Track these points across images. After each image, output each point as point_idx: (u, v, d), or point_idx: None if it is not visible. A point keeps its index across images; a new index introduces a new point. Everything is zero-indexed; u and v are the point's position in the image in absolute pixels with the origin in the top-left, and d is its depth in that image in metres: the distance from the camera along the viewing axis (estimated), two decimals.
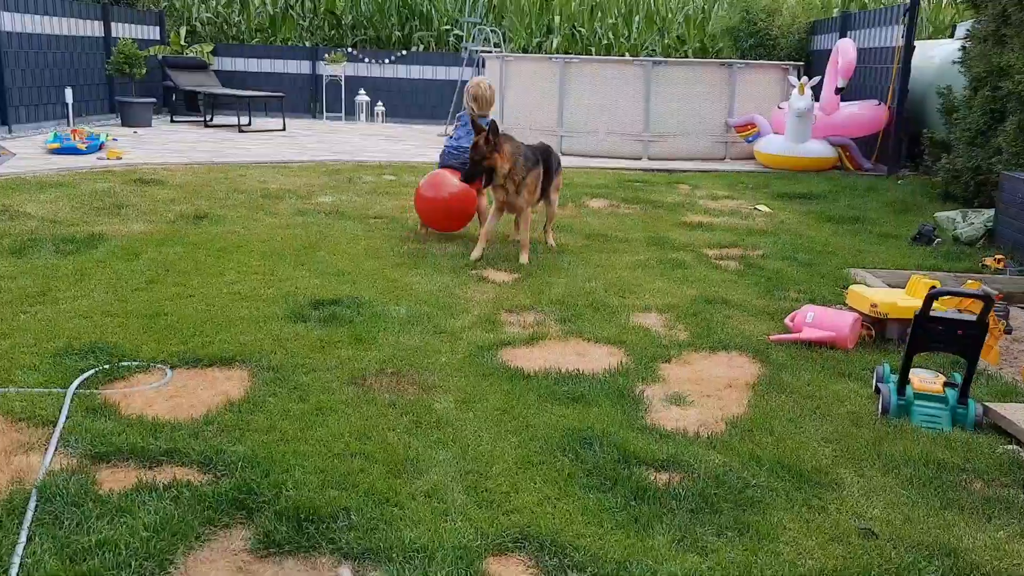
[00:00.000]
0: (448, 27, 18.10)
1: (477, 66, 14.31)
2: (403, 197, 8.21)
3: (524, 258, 5.86)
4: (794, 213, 8.26)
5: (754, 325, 4.73)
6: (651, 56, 17.64)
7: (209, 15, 18.11)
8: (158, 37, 16.07)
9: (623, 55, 17.62)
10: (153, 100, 13.79)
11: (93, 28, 14.07)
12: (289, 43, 17.74)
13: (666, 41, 18.00)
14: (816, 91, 10.81)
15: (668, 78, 11.58)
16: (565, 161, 11.57)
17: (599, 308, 4.88)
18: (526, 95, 12.28)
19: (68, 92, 12.90)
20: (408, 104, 16.73)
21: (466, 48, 14.38)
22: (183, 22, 17.80)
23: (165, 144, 11.48)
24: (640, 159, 11.75)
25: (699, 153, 11.86)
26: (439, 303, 4.84)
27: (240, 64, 16.76)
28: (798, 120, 10.73)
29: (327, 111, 16.58)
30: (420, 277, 5.38)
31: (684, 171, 10.89)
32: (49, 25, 12.86)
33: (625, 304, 5.00)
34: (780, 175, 10.63)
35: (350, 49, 16.75)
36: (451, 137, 7.08)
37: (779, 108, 11.78)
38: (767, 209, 8.42)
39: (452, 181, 6.34)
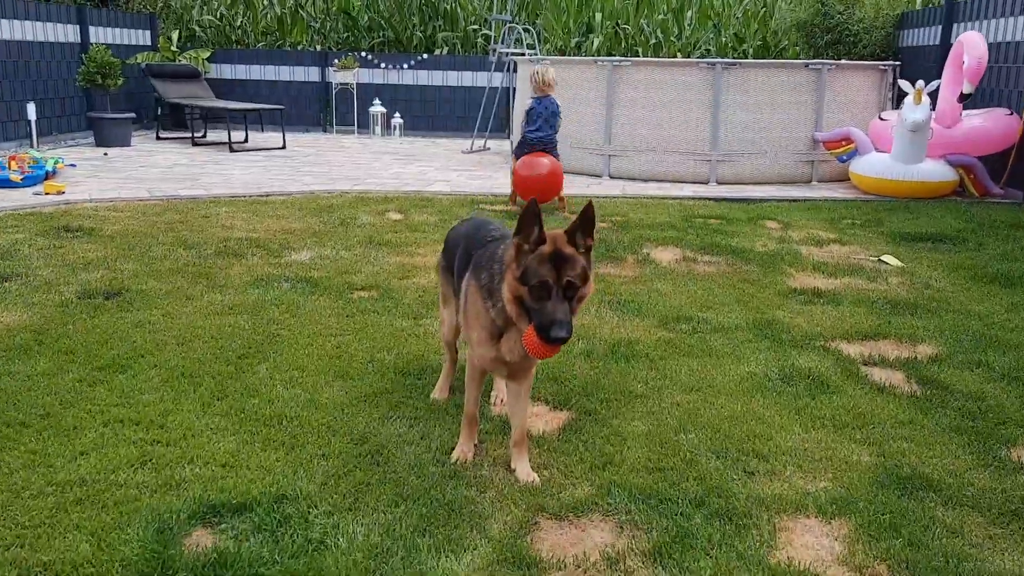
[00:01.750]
0: (476, 27, 16.03)
1: (508, 71, 12.23)
2: (408, 250, 6.15)
3: (523, 472, 3.02)
4: (935, 268, 6.06)
5: (993, 539, 2.59)
6: (706, 56, 15.45)
7: (210, 17, 16.24)
8: (149, 42, 14.21)
9: (674, 56, 15.45)
10: (131, 115, 11.89)
11: (66, 33, 12.22)
12: (299, 47, 15.81)
13: (722, 39, 15.78)
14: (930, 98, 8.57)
15: (741, 84, 9.41)
16: (614, 188, 9.62)
17: (713, 510, 2.76)
18: (566, 107, 10.15)
19: (30, 108, 11.03)
20: (430, 115, 14.70)
21: (495, 51, 12.30)
22: (181, 25, 15.96)
23: (132, 170, 9.55)
24: (707, 183, 9.58)
25: (780, 175, 9.66)
26: (431, 501, 2.75)
27: (241, 72, 14.86)
28: (912, 135, 8.49)
29: (337, 124, 14.61)
30: (405, 427, 3.31)
31: (765, 200, 8.70)
32: (8, 30, 11.01)
33: (756, 492, 2.88)
34: (888, 205, 8.41)
35: (363, 53, 14.75)
36: (530, 130, 8.13)
37: (880, 119, 9.53)
38: (896, 263, 6.23)
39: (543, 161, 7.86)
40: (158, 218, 6.95)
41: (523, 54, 11.75)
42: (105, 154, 10.77)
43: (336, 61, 14.15)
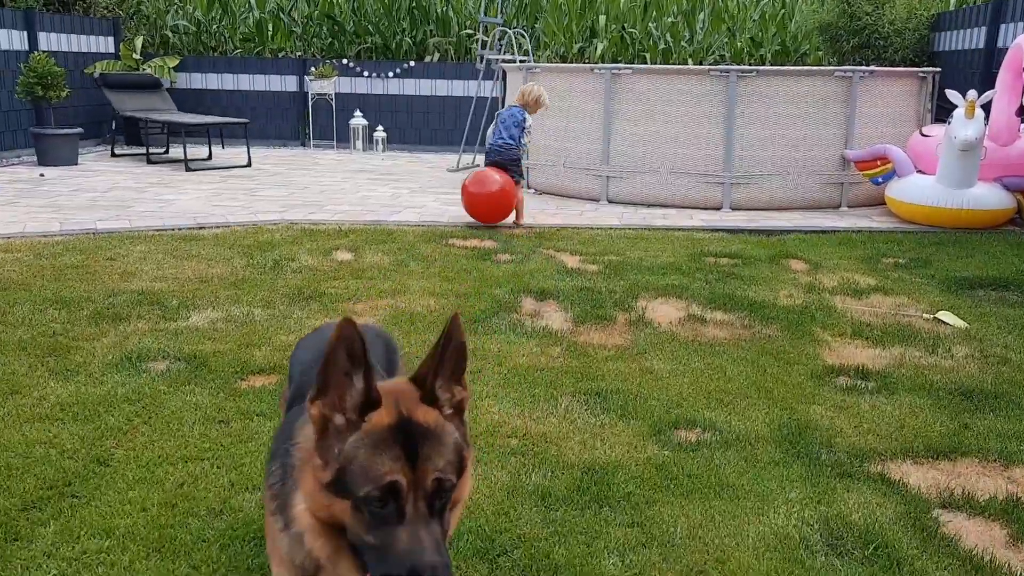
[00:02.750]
0: (470, 32, 14.81)
1: (497, 80, 10.98)
2: (343, 307, 4.89)
3: None
4: (1008, 329, 4.75)
5: None
6: (720, 63, 14.16)
7: (184, 23, 15.09)
8: (113, 50, 13.07)
9: (684, 62, 14.17)
10: (78, 131, 10.72)
11: (10, 40, 11.08)
12: (281, 54, 14.61)
13: (738, 43, 14.49)
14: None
15: (760, 95, 8.11)
16: (612, 216, 8.37)
17: None
18: (558, 119, 8.92)
19: None
20: (417, 128, 13.48)
21: (482, 57, 11.06)
22: (155, 31, 14.82)
23: (60, 196, 8.36)
24: (720, 209, 8.29)
25: (804, 200, 8.35)
26: None
27: (213, 81, 13.68)
28: (962, 155, 7.18)
29: (315, 138, 13.41)
30: None
31: (787, 231, 7.40)
32: None
33: None
34: (934, 237, 7.10)
35: (345, 61, 13.54)
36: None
37: (922, 135, 8.22)
38: (958, 322, 4.92)
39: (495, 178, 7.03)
40: (52, 261, 5.73)
41: (514, 61, 10.51)
42: (41, 175, 9.60)
43: (312, 69, 12.95)
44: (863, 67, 8.24)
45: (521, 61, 10.48)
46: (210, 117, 11.36)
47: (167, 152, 11.87)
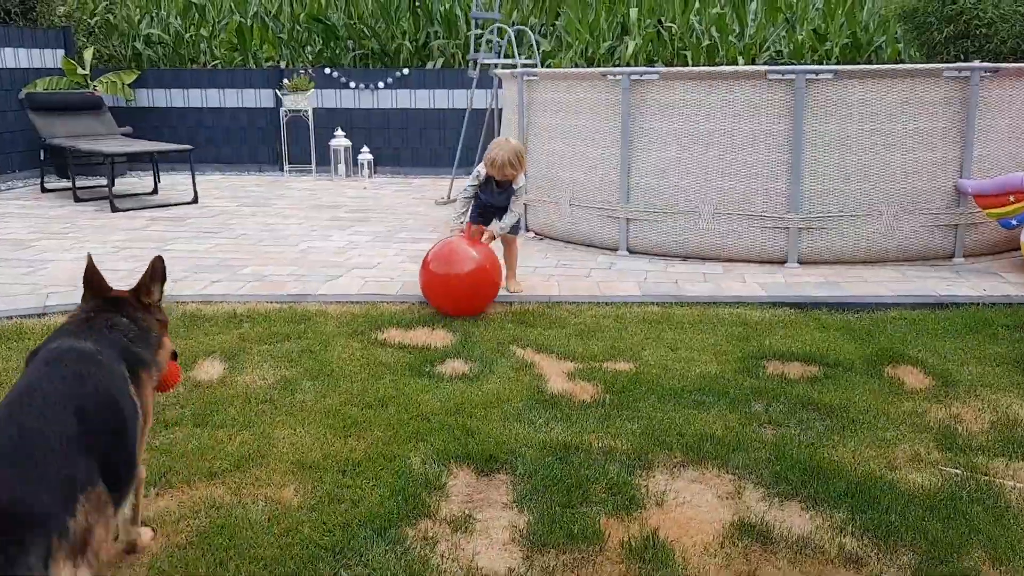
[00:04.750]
0: (480, 31, 12.67)
1: (495, 88, 8.83)
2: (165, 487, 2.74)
3: None
4: None
5: None
6: (776, 60, 11.79)
7: (157, 31, 13.21)
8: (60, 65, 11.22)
9: (733, 61, 11.84)
10: None
11: None
12: (269, 64, 12.64)
13: (798, 37, 12.10)
14: None
15: (837, 104, 5.81)
16: (631, 276, 5.81)
17: None
18: (563, 141, 6.72)
19: None
20: (413, 147, 11.38)
21: (473, 61, 8.92)
22: (126, 41, 12.97)
23: None
24: (783, 264, 6.00)
25: (902, 250, 6.02)
26: None
27: (177, 97, 11.75)
28: None
29: (291, 162, 11.38)
30: None
31: (885, 304, 5.09)
32: None
33: None
34: None
35: (328, 71, 11.49)
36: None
37: None
38: None
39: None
40: None
41: (515, 65, 8.33)
42: None
43: (285, 81, 10.91)
44: (984, 64, 5.90)
45: (525, 66, 8.29)
46: (146, 144, 9.38)
47: (113, 185, 9.93)
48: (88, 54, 11.10)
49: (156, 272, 2.55)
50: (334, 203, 8.96)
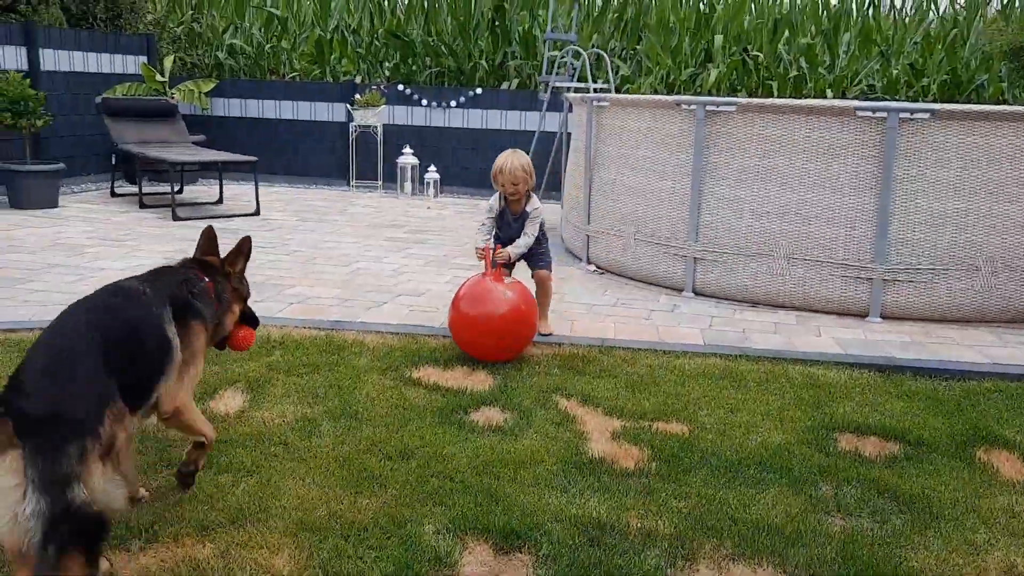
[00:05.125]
0: (556, 51, 12.38)
1: (565, 112, 8.50)
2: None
3: None
4: None
5: None
6: (868, 95, 11.18)
7: (239, 42, 13.32)
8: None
9: (822, 94, 11.27)
10: (58, 167, 8.88)
11: (3, 57, 9.42)
12: (347, 77, 12.59)
13: (893, 72, 11.47)
14: None
15: (933, 146, 5.30)
16: (695, 321, 5.42)
17: None
18: (630, 172, 6.35)
19: None
20: (480, 168, 11.10)
21: (545, 83, 8.62)
22: (209, 50, 13.12)
23: None
24: (864, 318, 5.49)
25: (1000, 310, 5.45)
26: None
27: (252, 108, 11.77)
28: None
29: (358, 177, 11.25)
30: None
31: (979, 373, 4.55)
32: None
33: None
34: None
35: (401, 87, 11.34)
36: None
37: None
38: None
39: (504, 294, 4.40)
40: None
41: (589, 88, 7.99)
42: None
43: (356, 97, 10.80)
44: None
45: (600, 90, 7.95)
46: (211, 154, 9.33)
47: (181, 191, 9.95)
48: (168, 61, 11.19)
49: (243, 248, 3.11)
50: (394, 222, 8.75)
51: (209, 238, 3.10)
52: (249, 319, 3.18)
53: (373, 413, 3.74)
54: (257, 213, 8.80)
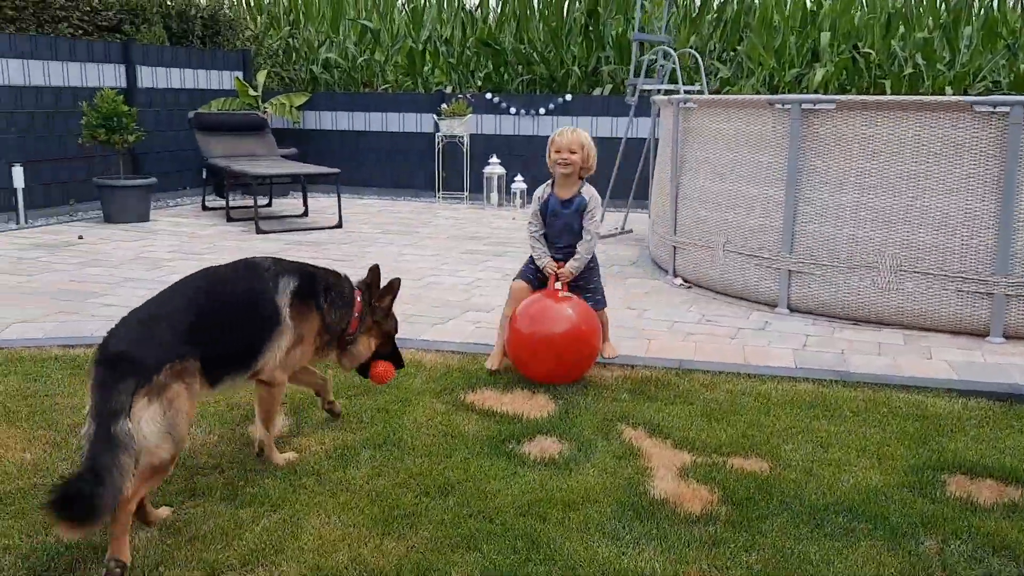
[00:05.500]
0: (654, 57, 11.93)
1: (655, 116, 8.08)
2: None
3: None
4: None
5: None
6: (992, 92, 10.28)
7: (334, 55, 13.42)
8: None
9: (940, 91, 10.44)
10: (150, 181, 9.02)
11: (101, 75, 9.68)
12: (439, 88, 12.51)
13: (1022, 66, 10.52)
14: None
15: None
16: (788, 341, 4.91)
17: None
18: (719, 178, 5.89)
19: (17, 172, 8.47)
20: None
21: (632, 86, 8.21)
22: (305, 63, 13.27)
23: (51, 270, 6.51)
24: (984, 338, 4.86)
25: None
26: None
27: (343, 120, 11.78)
28: None
29: (446, 188, 11.08)
30: None
31: None
32: (19, 72, 8.55)
33: None
34: None
35: (489, 96, 11.12)
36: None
37: None
38: None
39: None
40: None
41: (680, 91, 7.55)
42: (80, 237, 7.89)
43: (443, 106, 10.63)
44: None
45: (692, 93, 7.50)
46: (293, 166, 9.31)
47: (269, 204, 10.01)
48: (261, 76, 11.32)
49: (392, 287, 3.42)
50: (476, 234, 8.49)
51: (373, 273, 3.41)
52: (393, 358, 3.45)
53: (418, 442, 3.45)
54: (339, 226, 8.71)
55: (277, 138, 11.30)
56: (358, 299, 3.31)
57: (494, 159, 10.31)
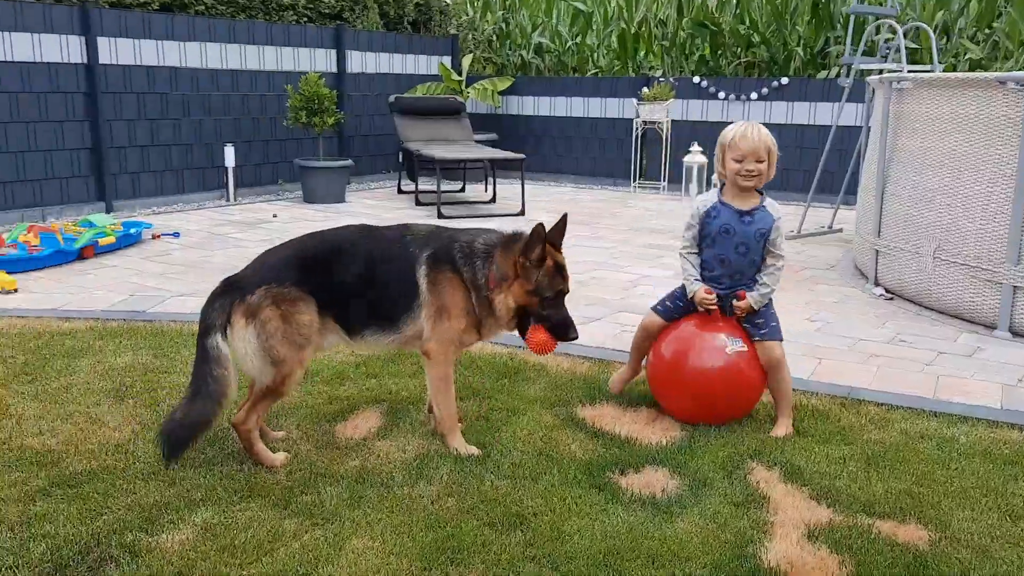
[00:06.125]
0: (890, 36, 10.61)
1: (869, 101, 7.09)
2: None
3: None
4: None
5: None
6: None
7: (546, 40, 13.22)
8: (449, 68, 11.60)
9: None
10: (346, 163, 9.23)
11: (313, 60, 10.04)
12: (650, 71, 11.97)
13: None
14: None
15: None
16: (1002, 367, 3.92)
17: None
18: (933, 171, 4.97)
19: (228, 151, 8.96)
20: (784, 168, 9.80)
21: (846, 67, 7.25)
22: (516, 48, 13.20)
23: (241, 247, 6.74)
24: None
25: None
26: None
27: (544, 106, 11.52)
28: None
29: (644, 177, 10.49)
30: None
31: None
32: (218, 56, 9.06)
33: None
34: None
35: (697, 80, 10.39)
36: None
37: None
38: None
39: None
40: None
41: (900, 69, 6.55)
42: (274, 216, 8.20)
43: (644, 90, 10.05)
44: None
45: (906, 70, 6.48)
46: (477, 151, 9.11)
47: (462, 191, 9.97)
48: (467, 61, 11.31)
49: (538, 237, 2.91)
50: (661, 227, 7.90)
51: (556, 228, 3.03)
52: (556, 327, 2.98)
53: (507, 460, 3.05)
54: (522, 213, 8.45)
55: (478, 123, 11.28)
56: (497, 254, 2.98)
57: (695, 147, 9.61)
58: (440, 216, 8.20)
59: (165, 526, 2.59)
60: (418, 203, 9.08)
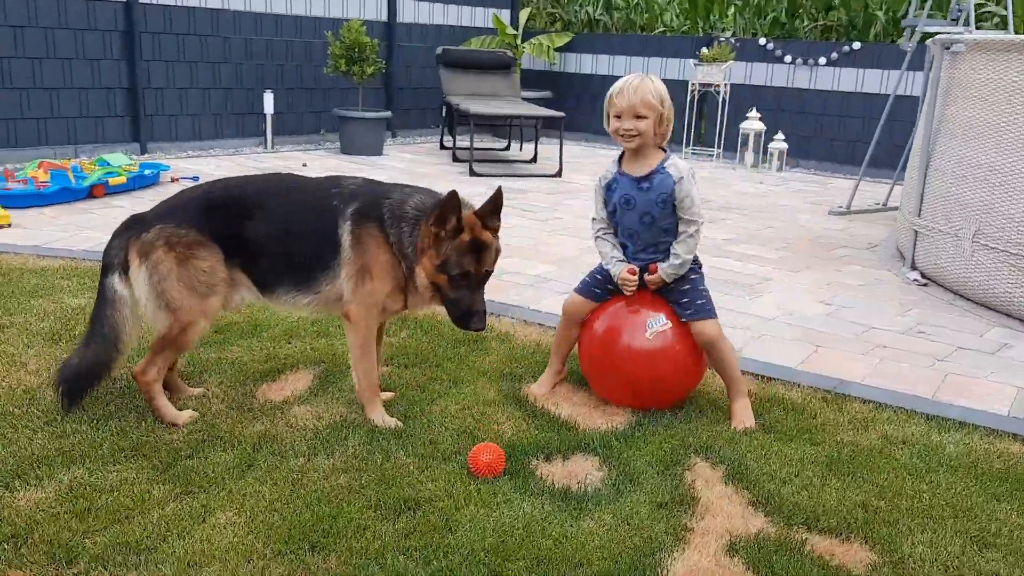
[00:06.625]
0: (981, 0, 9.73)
1: (928, 67, 6.45)
2: None
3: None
4: None
5: None
6: None
7: None
8: (507, 21, 11.23)
9: None
10: (385, 115, 9.01)
11: (363, 7, 9.80)
12: (726, 33, 11.36)
13: None
14: None
15: None
16: (1007, 371, 3.38)
17: None
18: (980, 146, 4.44)
19: (268, 98, 8.85)
20: (845, 140, 9.18)
21: (909, 30, 6.61)
22: (583, 4, 12.71)
23: None
24: None
25: None
26: None
27: (603, 65, 11.05)
28: None
29: (695, 143, 9.96)
30: None
31: None
32: (282, 1, 8.93)
33: None
34: None
35: (763, 42, 9.76)
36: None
37: None
38: None
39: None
40: None
41: (957, 31, 5.91)
42: (304, 165, 8.05)
43: (703, 50, 9.49)
44: None
45: (968, 31, 5.86)
46: (515, 107, 8.69)
47: (507, 149, 9.66)
48: (523, 15, 10.91)
49: (452, 207, 2.57)
50: (706, 198, 7.44)
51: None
52: (455, 312, 2.68)
53: (427, 436, 2.79)
54: (559, 175, 8.09)
55: (532, 81, 10.92)
56: (423, 221, 2.66)
57: (753, 113, 9.05)
58: (472, 174, 7.92)
59: (31, 482, 2.42)
60: (455, 159, 8.82)
